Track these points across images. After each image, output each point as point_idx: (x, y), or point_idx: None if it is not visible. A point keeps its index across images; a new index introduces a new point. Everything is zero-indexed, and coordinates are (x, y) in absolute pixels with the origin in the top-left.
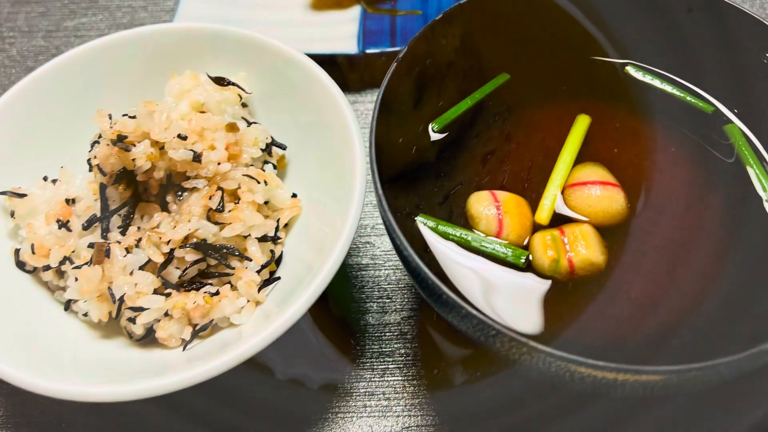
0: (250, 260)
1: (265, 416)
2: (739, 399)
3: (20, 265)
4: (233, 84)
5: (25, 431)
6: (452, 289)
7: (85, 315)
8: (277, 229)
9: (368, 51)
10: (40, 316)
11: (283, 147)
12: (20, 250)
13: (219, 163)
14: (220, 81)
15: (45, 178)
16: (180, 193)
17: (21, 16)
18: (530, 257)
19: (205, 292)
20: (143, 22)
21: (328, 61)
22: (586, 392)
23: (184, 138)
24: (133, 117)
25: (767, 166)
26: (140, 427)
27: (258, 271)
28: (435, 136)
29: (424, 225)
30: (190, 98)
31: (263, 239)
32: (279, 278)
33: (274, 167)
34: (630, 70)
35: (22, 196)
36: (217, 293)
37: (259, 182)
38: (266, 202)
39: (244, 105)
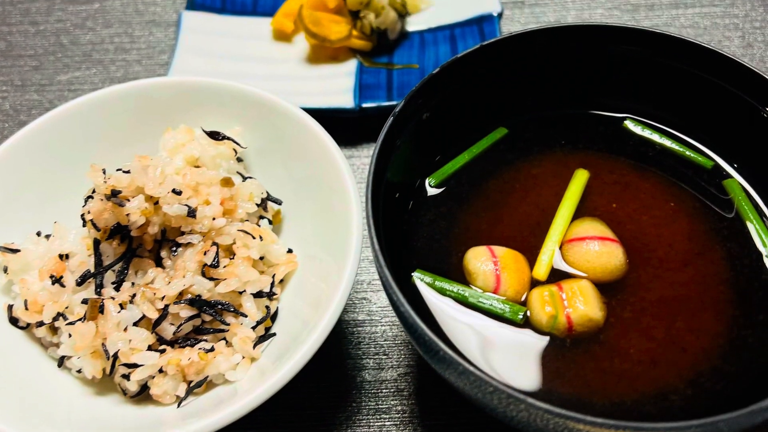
0: (246, 316)
1: None
2: None
3: (13, 321)
4: (228, 138)
5: None
6: (449, 346)
7: (79, 371)
8: (272, 284)
9: (364, 105)
10: (34, 373)
11: (278, 202)
12: (13, 306)
13: (214, 219)
14: (215, 135)
15: (38, 234)
16: (174, 248)
17: (14, 70)
18: (528, 313)
19: (199, 349)
20: (137, 76)
21: (324, 115)
22: None
23: (179, 193)
24: (128, 172)
25: (767, 220)
26: None
27: (253, 327)
28: (432, 191)
29: (421, 281)
30: (184, 153)
31: (258, 295)
32: (274, 334)
33: (270, 222)
34: (629, 124)
35: (16, 251)
36: (212, 349)
37: (254, 237)
38: (262, 258)
39: (239, 159)
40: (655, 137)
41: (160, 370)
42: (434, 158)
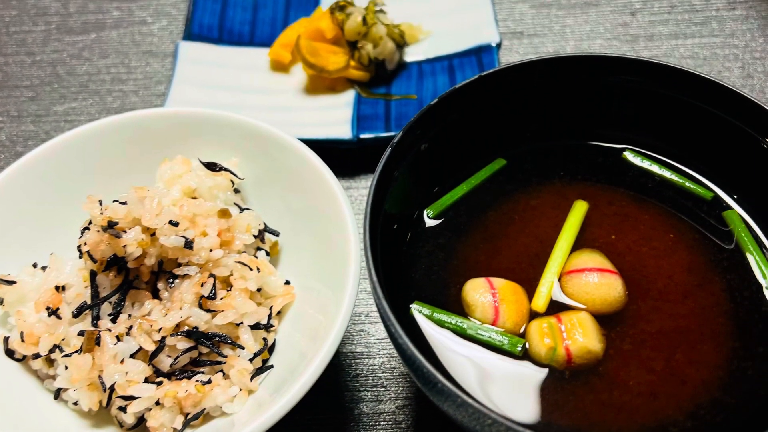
0: (243, 348)
1: None
2: None
3: (9, 353)
4: (225, 169)
5: None
6: (447, 378)
7: (75, 404)
8: (270, 316)
9: (362, 136)
10: (30, 405)
11: (276, 233)
12: (9, 338)
13: (211, 250)
14: (212, 166)
15: (34, 265)
16: (171, 280)
17: (10, 100)
18: (527, 345)
19: (196, 381)
20: (134, 107)
21: (321, 146)
22: None
23: (176, 224)
24: (124, 203)
25: (767, 252)
26: None
27: (250, 359)
28: (430, 223)
29: (419, 312)
30: (181, 184)
31: (256, 327)
32: (272, 366)
33: (267, 254)
34: (628, 155)
35: (12, 283)
36: (209, 381)
37: (251, 269)
38: (259, 290)
39: (236, 191)
40: (655, 168)
41: (157, 403)
42: (432, 189)
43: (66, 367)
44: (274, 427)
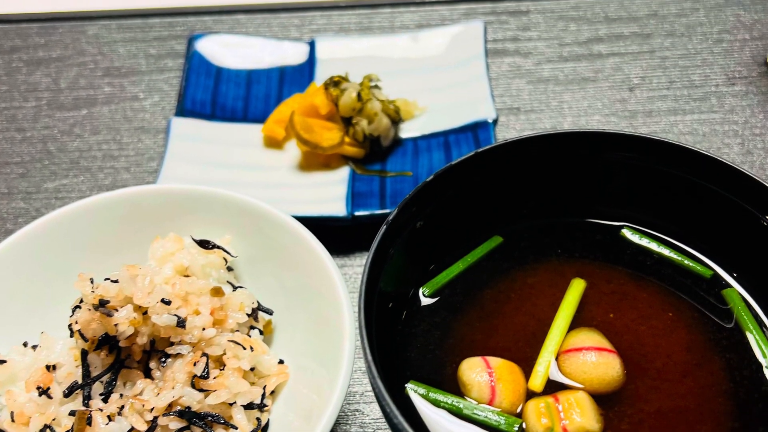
0: (236, 428)
1: None
2: None
3: None
4: (218, 247)
5: None
6: None
7: None
8: (263, 396)
9: (357, 213)
10: None
11: (269, 312)
12: None
13: (204, 329)
14: (204, 244)
15: (25, 344)
16: (164, 359)
17: (0, 177)
18: (524, 425)
19: None
20: (126, 184)
21: (315, 224)
22: None
23: (168, 303)
24: (116, 281)
25: (767, 331)
26: None
27: None
28: (426, 301)
29: (414, 392)
30: (173, 261)
31: (249, 407)
32: None
33: (261, 332)
34: (626, 232)
35: (2, 362)
36: None
37: (244, 348)
38: (252, 369)
39: (229, 269)
40: (653, 246)
41: None
42: (428, 267)
43: None
44: None
